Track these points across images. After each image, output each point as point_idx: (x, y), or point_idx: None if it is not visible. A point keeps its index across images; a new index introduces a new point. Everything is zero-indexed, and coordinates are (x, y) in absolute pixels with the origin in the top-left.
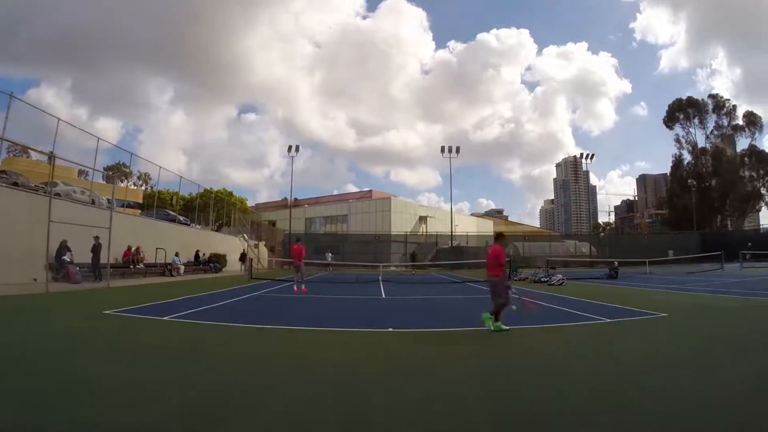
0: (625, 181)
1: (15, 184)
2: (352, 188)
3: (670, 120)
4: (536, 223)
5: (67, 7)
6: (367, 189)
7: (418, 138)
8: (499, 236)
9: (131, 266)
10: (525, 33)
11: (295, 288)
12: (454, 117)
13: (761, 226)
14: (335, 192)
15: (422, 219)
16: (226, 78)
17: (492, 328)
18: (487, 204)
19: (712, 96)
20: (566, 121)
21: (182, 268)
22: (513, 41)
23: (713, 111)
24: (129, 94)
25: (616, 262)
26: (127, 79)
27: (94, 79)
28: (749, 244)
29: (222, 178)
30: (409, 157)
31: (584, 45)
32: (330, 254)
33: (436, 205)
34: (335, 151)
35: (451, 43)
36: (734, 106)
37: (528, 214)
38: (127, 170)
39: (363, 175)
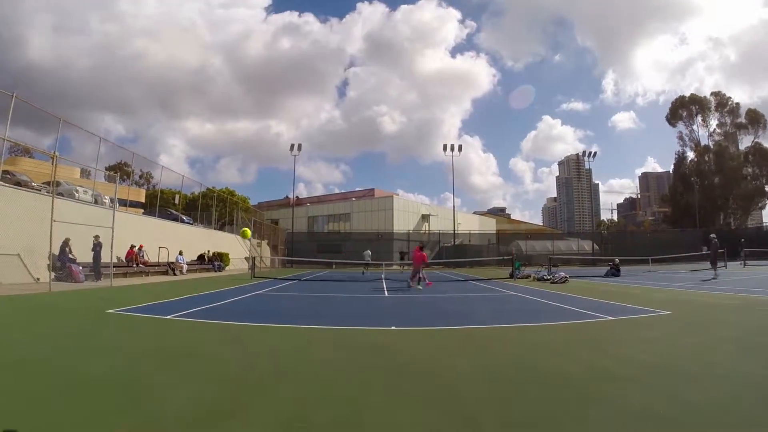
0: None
1: (18, 183)
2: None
3: (672, 117)
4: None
5: None
6: (370, 187)
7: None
8: (422, 247)
9: (134, 265)
10: None
11: (426, 283)
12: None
13: (765, 224)
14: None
15: (425, 217)
16: None
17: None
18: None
19: (714, 93)
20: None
21: (185, 267)
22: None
23: (716, 108)
24: None
25: (616, 260)
26: None
27: None
28: (742, 240)
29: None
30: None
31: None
32: (369, 252)
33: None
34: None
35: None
36: (737, 104)
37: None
38: (130, 170)
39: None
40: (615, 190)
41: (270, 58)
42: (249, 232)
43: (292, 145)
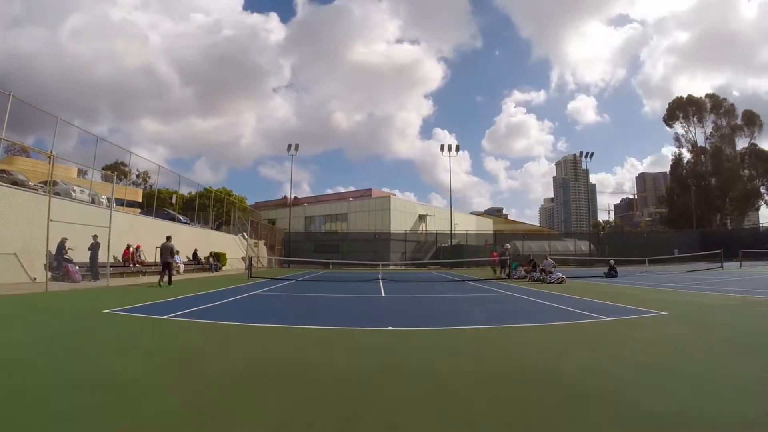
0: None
1: (15, 183)
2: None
3: (669, 118)
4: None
5: None
6: (366, 188)
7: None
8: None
9: (131, 265)
10: None
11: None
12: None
13: (761, 225)
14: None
15: (422, 218)
16: None
17: None
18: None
19: (709, 95)
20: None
21: (182, 266)
22: None
23: (711, 110)
24: None
25: (612, 261)
26: None
27: None
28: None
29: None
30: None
31: None
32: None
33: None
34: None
35: None
36: (732, 105)
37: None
38: (126, 169)
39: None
40: (611, 191)
41: (218, 57)
42: None
43: (290, 145)
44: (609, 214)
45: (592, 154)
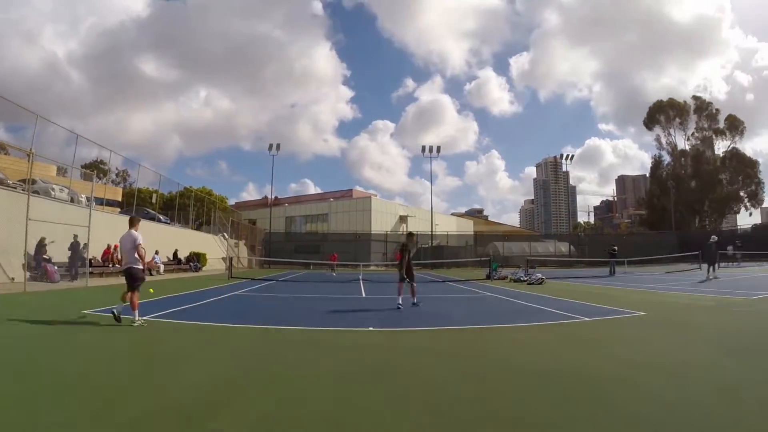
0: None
1: None
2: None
3: (650, 121)
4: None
5: None
6: (347, 188)
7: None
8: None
9: (110, 265)
10: None
11: None
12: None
13: (738, 227)
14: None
15: (402, 218)
16: None
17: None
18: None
19: (695, 98)
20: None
21: (162, 267)
22: None
23: (694, 113)
24: None
25: (615, 247)
26: None
27: None
28: (738, 242)
29: None
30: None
31: None
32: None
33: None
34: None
35: None
36: (716, 110)
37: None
38: (106, 168)
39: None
40: (591, 192)
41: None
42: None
43: (271, 145)
44: (588, 215)
45: (572, 156)
